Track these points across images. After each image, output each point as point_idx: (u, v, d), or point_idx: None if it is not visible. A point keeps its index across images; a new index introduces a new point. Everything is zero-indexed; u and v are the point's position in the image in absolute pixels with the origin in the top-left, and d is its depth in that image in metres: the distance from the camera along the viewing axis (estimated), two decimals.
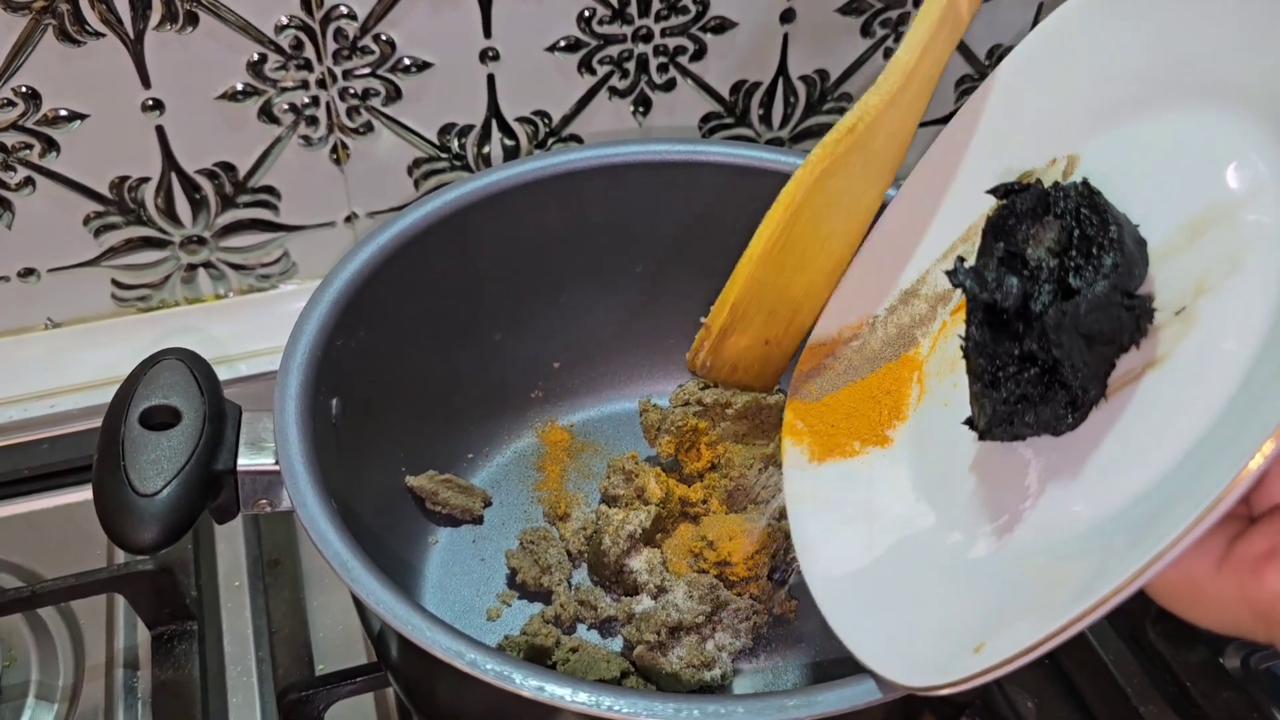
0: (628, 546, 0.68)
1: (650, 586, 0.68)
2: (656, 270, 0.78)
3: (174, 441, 0.54)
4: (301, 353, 0.59)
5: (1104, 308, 0.42)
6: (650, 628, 0.64)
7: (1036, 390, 0.44)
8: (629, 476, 0.72)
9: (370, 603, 0.48)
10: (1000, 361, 0.44)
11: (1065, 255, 0.43)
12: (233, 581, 0.75)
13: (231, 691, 0.69)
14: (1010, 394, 0.44)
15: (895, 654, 0.46)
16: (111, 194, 0.83)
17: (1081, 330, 0.42)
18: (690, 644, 0.65)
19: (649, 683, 0.64)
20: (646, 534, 0.69)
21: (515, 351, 0.77)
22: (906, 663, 0.45)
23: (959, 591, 0.47)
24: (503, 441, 0.79)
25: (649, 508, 0.69)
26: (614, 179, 0.73)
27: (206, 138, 0.83)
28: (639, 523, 0.68)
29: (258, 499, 0.56)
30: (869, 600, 0.51)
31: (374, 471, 0.68)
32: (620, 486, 0.72)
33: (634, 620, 0.66)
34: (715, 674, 0.65)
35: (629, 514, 0.69)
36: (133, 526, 0.51)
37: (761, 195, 0.70)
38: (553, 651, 0.64)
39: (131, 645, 0.71)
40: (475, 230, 0.71)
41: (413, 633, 0.46)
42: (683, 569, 0.69)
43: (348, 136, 0.86)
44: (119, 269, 0.88)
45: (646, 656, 0.64)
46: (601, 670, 0.62)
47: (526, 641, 0.64)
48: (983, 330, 0.44)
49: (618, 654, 0.65)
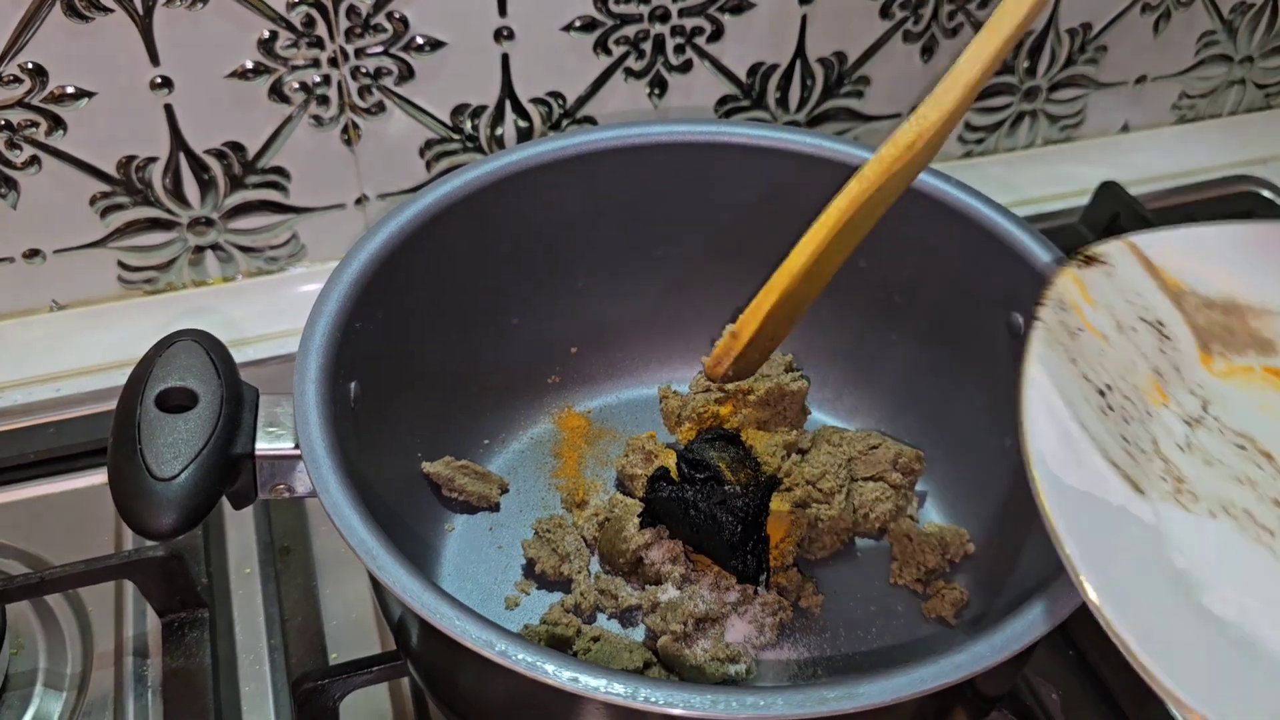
0: (650, 538, 0.67)
1: (675, 575, 0.66)
2: (677, 254, 0.77)
3: (191, 425, 0.52)
4: (321, 334, 0.58)
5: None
6: (677, 618, 0.63)
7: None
8: (648, 457, 0.70)
9: (397, 590, 0.46)
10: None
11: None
12: (244, 568, 0.74)
13: (244, 680, 0.68)
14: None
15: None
16: (119, 174, 0.82)
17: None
18: (714, 636, 0.64)
19: (672, 675, 0.63)
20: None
21: (532, 336, 0.76)
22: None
23: None
24: (519, 427, 0.78)
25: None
26: (633, 160, 0.72)
27: (215, 117, 0.82)
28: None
29: (276, 484, 0.55)
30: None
31: (391, 457, 0.66)
32: (639, 466, 0.71)
33: (659, 609, 0.64)
34: (740, 668, 0.63)
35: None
36: (151, 512, 0.50)
37: (784, 177, 0.72)
38: (574, 641, 0.63)
39: (141, 633, 0.70)
40: (492, 212, 0.69)
41: (441, 620, 0.45)
42: (706, 559, 0.68)
43: (359, 116, 0.85)
44: (125, 250, 0.87)
45: (671, 647, 0.62)
46: (624, 660, 0.61)
47: (547, 631, 0.63)
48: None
49: (640, 644, 0.64)
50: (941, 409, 0.74)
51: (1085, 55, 1.02)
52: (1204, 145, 1.10)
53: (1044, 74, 1.02)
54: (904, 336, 0.75)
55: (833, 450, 0.71)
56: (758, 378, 0.70)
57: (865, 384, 0.78)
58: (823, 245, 0.54)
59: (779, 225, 0.59)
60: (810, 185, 0.62)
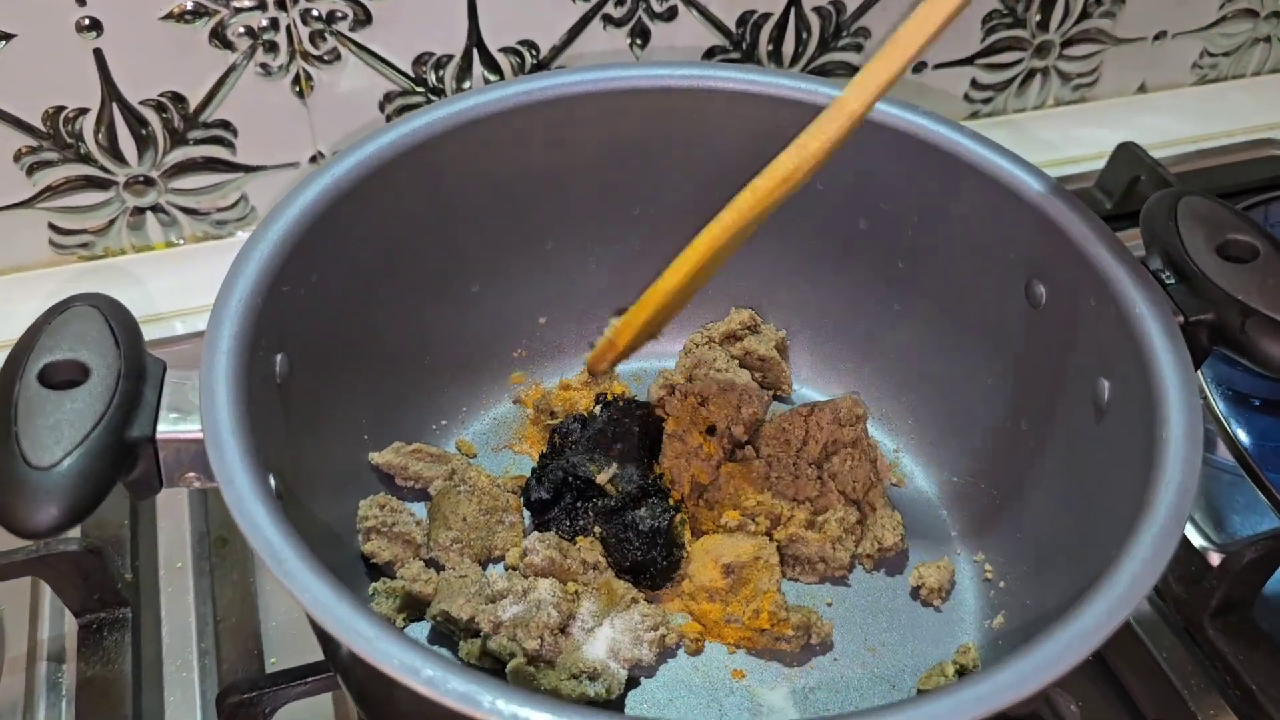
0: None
1: (517, 588, 0.61)
2: (657, 214, 0.73)
3: (79, 403, 0.46)
4: (238, 300, 0.52)
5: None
6: (529, 634, 0.58)
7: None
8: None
9: (307, 603, 0.40)
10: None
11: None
12: (174, 562, 0.69)
13: (169, 688, 0.63)
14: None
15: None
16: (45, 126, 0.78)
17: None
18: (569, 649, 0.59)
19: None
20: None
21: (495, 305, 0.72)
22: None
23: None
24: (480, 407, 0.73)
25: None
26: (609, 108, 0.68)
27: (152, 64, 0.78)
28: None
29: (183, 472, 0.49)
30: None
31: (331, 442, 0.62)
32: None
33: (502, 629, 0.59)
34: (599, 687, 0.58)
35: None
36: (23, 506, 0.43)
37: (776, 128, 0.66)
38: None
39: (58, 635, 0.65)
40: (449, 164, 0.65)
41: (358, 643, 0.38)
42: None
43: (311, 65, 0.81)
44: (57, 211, 0.82)
45: (524, 671, 0.57)
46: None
47: (403, 588, 0.60)
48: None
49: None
50: (948, 388, 0.71)
51: (1102, 8, 0.98)
52: (1225, 107, 1.07)
53: (1057, 28, 0.98)
54: (907, 306, 0.72)
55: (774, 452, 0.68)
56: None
57: (861, 359, 0.75)
58: (694, 270, 0.55)
59: None
60: None
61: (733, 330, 0.73)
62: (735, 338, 0.73)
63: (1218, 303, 0.55)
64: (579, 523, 0.65)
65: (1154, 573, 0.44)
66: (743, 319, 0.74)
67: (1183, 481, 0.47)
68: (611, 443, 0.67)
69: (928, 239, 0.68)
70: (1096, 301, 0.56)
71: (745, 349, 0.73)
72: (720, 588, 0.62)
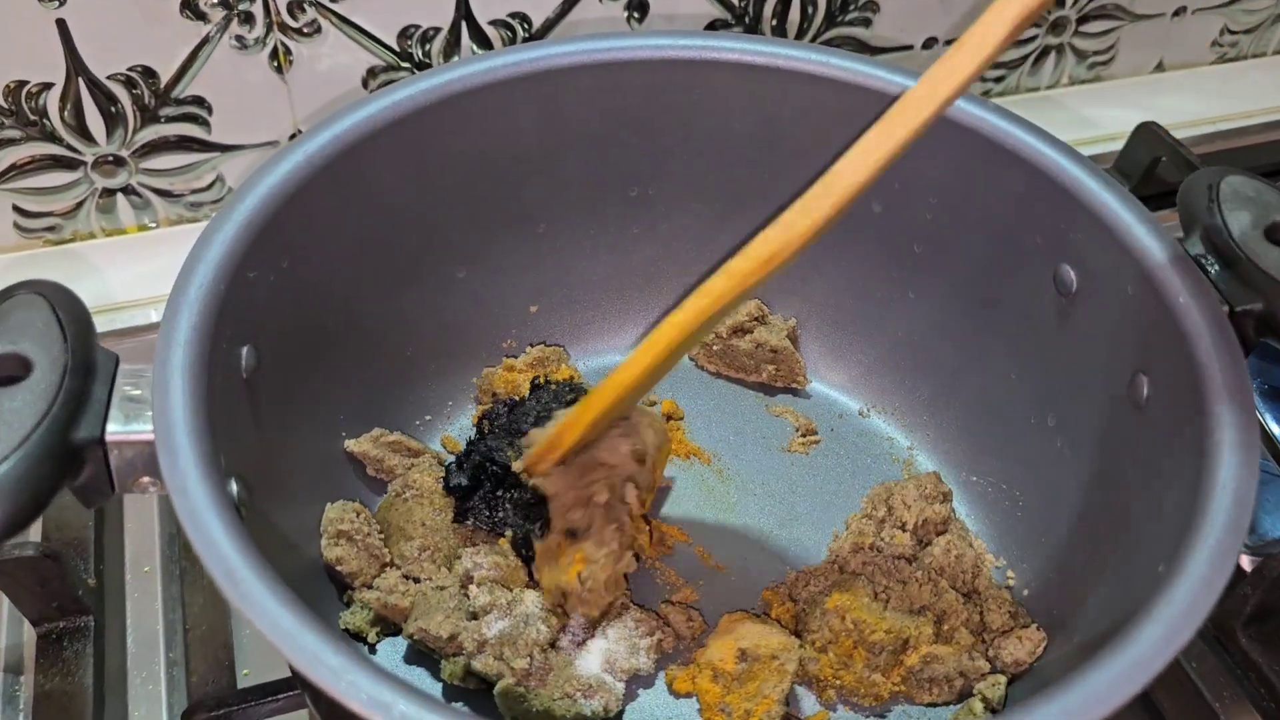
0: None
1: (501, 601, 0.57)
2: (655, 194, 0.70)
3: (18, 401, 0.42)
4: (198, 287, 0.48)
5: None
6: (518, 653, 0.54)
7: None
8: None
9: (266, 629, 0.36)
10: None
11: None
12: (142, 566, 0.66)
13: (134, 703, 0.61)
14: None
15: None
16: (7, 102, 0.75)
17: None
18: (560, 665, 0.55)
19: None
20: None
21: (482, 292, 0.70)
22: None
23: None
24: (467, 401, 0.71)
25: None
26: (604, 81, 0.65)
27: (120, 36, 0.75)
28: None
29: (137, 477, 0.45)
30: None
31: (303, 442, 0.59)
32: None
33: (488, 647, 0.55)
34: (596, 705, 0.55)
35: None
36: None
37: (784, 103, 0.66)
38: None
39: (16, 644, 0.63)
40: (433, 140, 0.62)
41: (323, 675, 0.35)
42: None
43: (290, 38, 0.79)
44: (21, 193, 0.80)
45: (514, 691, 0.54)
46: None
47: (379, 599, 0.56)
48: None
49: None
50: (967, 381, 0.68)
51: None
52: (1246, 87, 1.05)
53: (1073, 4, 0.96)
54: (924, 293, 0.69)
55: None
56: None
57: (873, 350, 0.73)
58: (654, 365, 0.51)
59: (776, 161, 0.58)
60: (815, 113, 0.59)
61: (740, 324, 0.70)
62: (743, 330, 0.70)
63: (1267, 291, 0.51)
64: (497, 514, 0.61)
65: (1212, 594, 0.40)
66: (749, 310, 0.70)
67: (1239, 490, 0.43)
68: (536, 428, 0.63)
69: (947, 221, 0.65)
70: (1135, 289, 0.53)
71: (756, 341, 0.70)
72: (728, 671, 0.57)
